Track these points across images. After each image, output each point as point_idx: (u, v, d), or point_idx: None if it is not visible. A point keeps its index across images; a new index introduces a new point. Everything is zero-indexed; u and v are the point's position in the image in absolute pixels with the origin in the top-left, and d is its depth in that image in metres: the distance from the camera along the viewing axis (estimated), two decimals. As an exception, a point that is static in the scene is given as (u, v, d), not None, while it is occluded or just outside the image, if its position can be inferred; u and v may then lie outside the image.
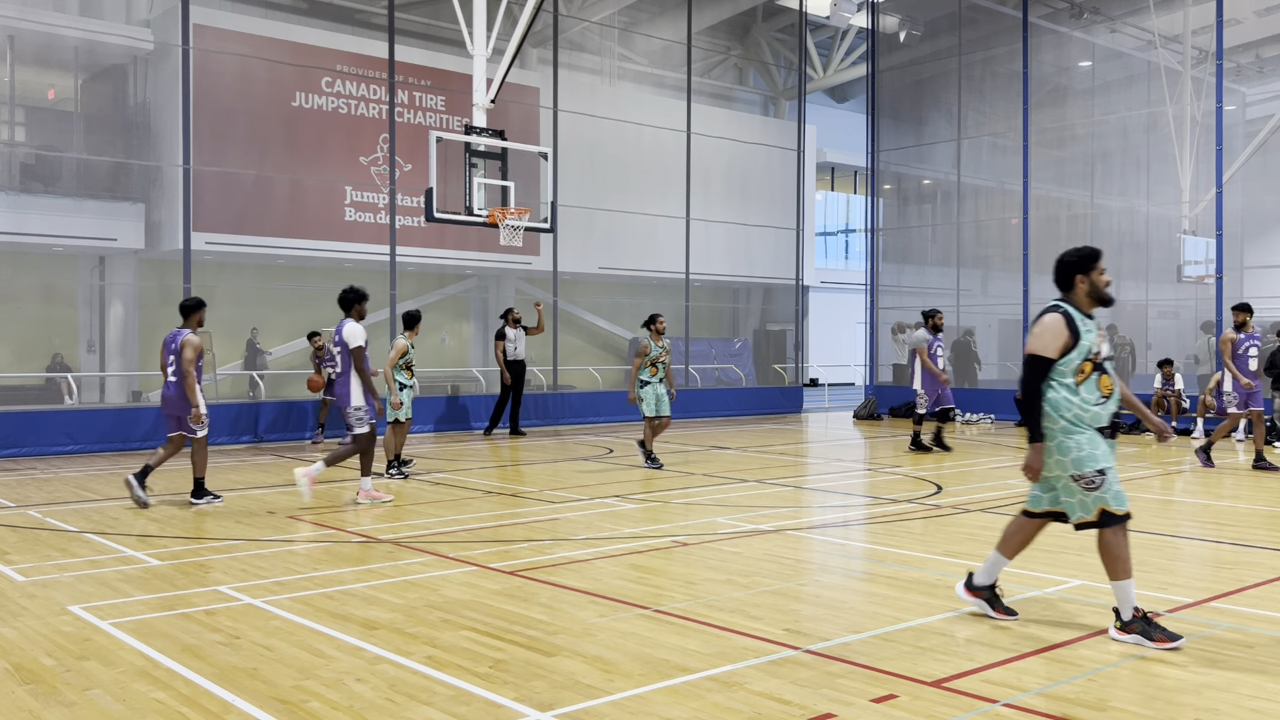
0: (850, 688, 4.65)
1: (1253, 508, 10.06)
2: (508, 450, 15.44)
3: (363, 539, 8.29)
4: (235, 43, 18.39)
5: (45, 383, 18.91)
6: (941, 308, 23.73)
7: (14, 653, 5.23)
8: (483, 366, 23.67)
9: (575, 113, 21.22)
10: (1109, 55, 22.82)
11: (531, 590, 6.54)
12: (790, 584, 6.72)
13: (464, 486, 11.40)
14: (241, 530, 8.63)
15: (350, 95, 19.89)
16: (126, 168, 18.93)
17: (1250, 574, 6.98)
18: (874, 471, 13.37)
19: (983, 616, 5.82)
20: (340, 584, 6.69)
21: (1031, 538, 5.77)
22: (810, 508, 10.28)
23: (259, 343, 20.47)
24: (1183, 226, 19.69)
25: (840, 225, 38.20)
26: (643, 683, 4.74)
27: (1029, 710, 4.38)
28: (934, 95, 24.37)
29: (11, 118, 18.95)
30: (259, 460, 14.02)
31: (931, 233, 24.69)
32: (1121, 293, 23.26)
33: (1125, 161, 23.05)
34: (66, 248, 18.90)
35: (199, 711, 4.41)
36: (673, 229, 22.94)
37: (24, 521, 9.17)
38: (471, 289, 24.49)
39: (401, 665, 5.01)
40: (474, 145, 14.58)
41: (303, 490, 9.70)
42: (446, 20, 19.01)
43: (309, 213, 19.47)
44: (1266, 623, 5.75)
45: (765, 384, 26.78)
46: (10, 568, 7.23)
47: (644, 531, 8.61)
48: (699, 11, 24.00)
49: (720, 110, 26.55)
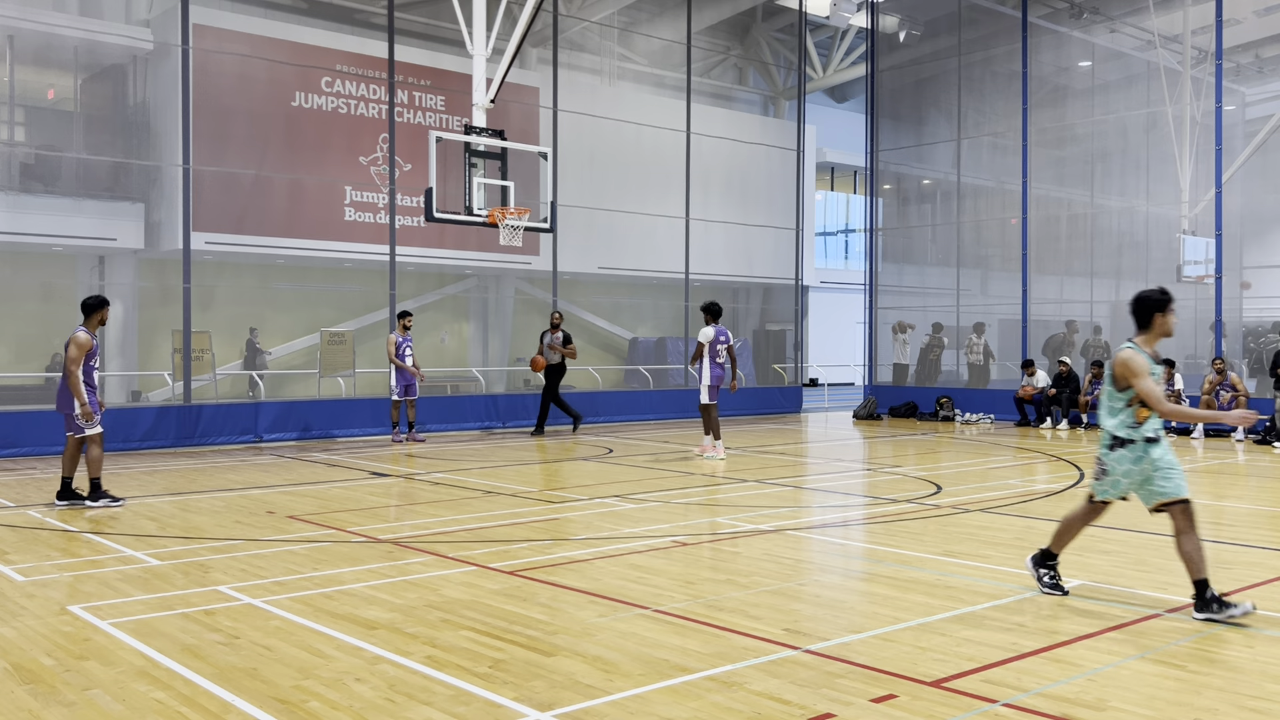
0: (850, 688, 4.65)
1: (1253, 508, 10.06)
2: (507, 450, 15.44)
3: (363, 539, 8.29)
4: (235, 43, 18.38)
5: (45, 383, 18.89)
6: (941, 308, 23.94)
7: (14, 653, 5.23)
8: (482, 366, 23.67)
9: (575, 113, 21.22)
10: (1109, 55, 22.82)
11: (531, 590, 6.54)
12: (790, 584, 6.72)
13: (464, 486, 11.40)
14: (241, 530, 8.63)
15: (350, 95, 19.88)
16: (126, 168, 18.92)
17: (1250, 574, 6.98)
18: (874, 471, 13.37)
19: (983, 617, 5.82)
20: (340, 584, 6.69)
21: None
22: (810, 508, 10.28)
23: (259, 342, 20.46)
24: (1182, 226, 19.68)
25: (840, 225, 38.21)
26: (642, 683, 4.74)
27: (1029, 710, 4.38)
28: (934, 95, 24.37)
29: (11, 118, 18.94)
30: (259, 460, 14.02)
31: (931, 233, 24.68)
32: (1121, 293, 23.26)
33: (1125, 161, 23.04)
34: (66, 247, 18.89)
35: (198, 711, 4.41)
36: (672, 229, 22.94)
37: (24, 521, 9.16)
38: (471, 289, 24.49)
39: (401, 665, 5.01)
40: (474, 145, 14.58)
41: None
42: (446, 20, 19.00)
43: (309, 213, 19.46)
44: (1266, 623, 5.75)
45: (765, 384, 26.76)
46: (10, 568, 7.23)
47: (644, 531, 8.61)
48: (699, 11, 24.00)
49: (720, 110, 26.54)
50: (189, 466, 13.31)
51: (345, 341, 19.61)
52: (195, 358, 17.12)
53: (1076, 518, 6.35)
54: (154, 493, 10.88)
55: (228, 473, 12.67)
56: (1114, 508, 6.32)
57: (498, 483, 11.67)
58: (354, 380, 19.90)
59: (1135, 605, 6.10)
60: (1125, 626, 5.65)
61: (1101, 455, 6.09)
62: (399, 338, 15.97)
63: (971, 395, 21.77)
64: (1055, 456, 14.46)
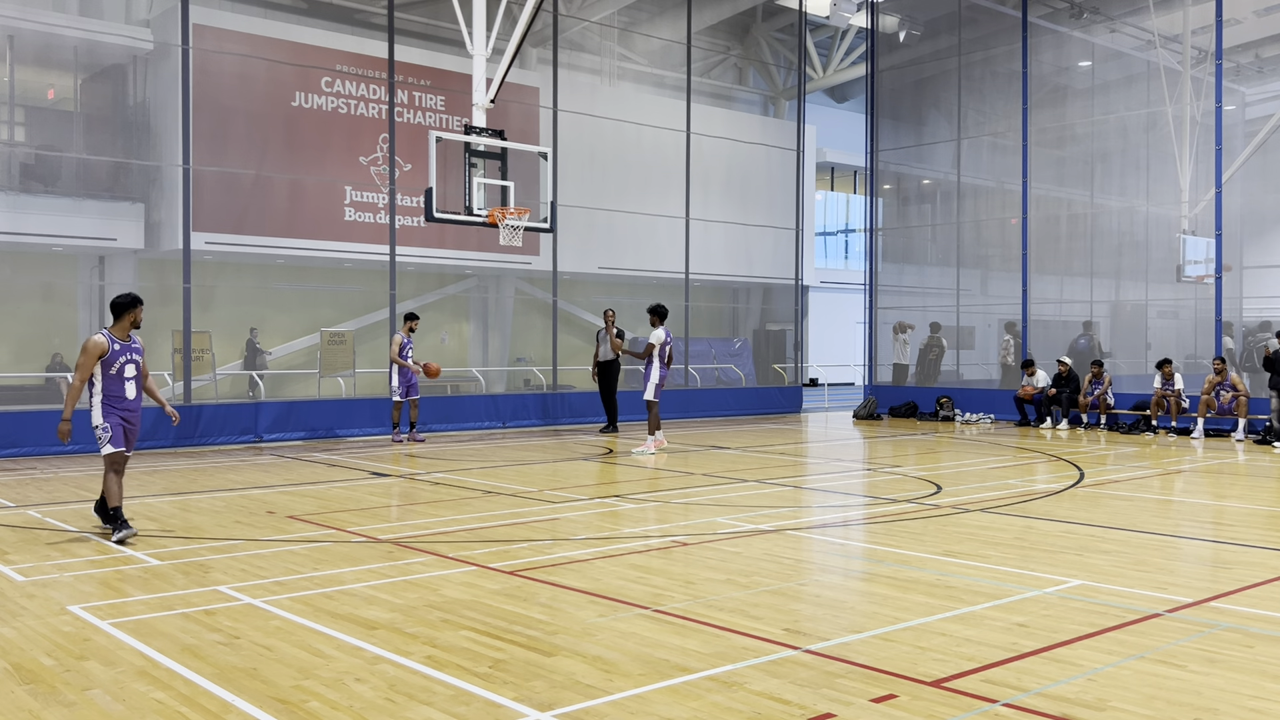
0: (850, 688, 4.65)
1: (1253, 508, 10.06)
2: (507, 450, 15.44)
3: (363, 539, 8.29)
4: (235, 43, 18.38)
5: (45, 383, 18.90)
6: (941, 308, 23.94)
7: (14, 653, 5.23)
8: (482, 366, 23.67)
9: (575, 113, 21.22)
10: (1109, 55, 22.81)
11: (531, 590, 6.54)
12: (790, 584, 6.72)
13: (464, 486, 11.40)
14: (241, 530, 8.63)
15: (350, 95, 19.88)
16: (126, 168, 18.92)
17: (1250, 574, 6.98)
18: (874, 471, 13.37)
19: (983, 617, 5.82)
20: (340, 584, 6.69)
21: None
22: (810, 508, 10.28)
23: (259, 342, 20.46)
24: (1182, 226, 19.68)
25: (840, 225, 38.21)
26: (642, 683, 4.74)
27: (1029, 710, 4.38)
28: (934, 95, 24.37)
29: (11, 118, 18.93)
30: (259, 460, 14.02)
31: (931, 233, 24.68)
32: (1121, 293, 23.28)
33: (1125, 161, 23.04)
34: (66, 247, 18.89)
35: (198, 711, 4.41)
36: (672, 229, 22.94)
37: (24, 521, 9.16)
38: (471, 289, 24.49)
39: (401, 665, 5.01)
40: (474, 145, 14.58)
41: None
42: (446, 20, 19.01)
43: (309, 213, 19.47)
44: (1266, 623, 5.75)
45: (765, 384, 26.77)
46: (10, 568, 7.23)
47: (644, 531, 8.61)
48: (699, 11, 23.99)
49: (720, 110, 26.54)
50: (189, 466, 13.31)
51: (345, 341, 19.61)
52: (195, 358, 17.12)
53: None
54: (154, 493, 10.88)
55: (228, 473, 12.67)
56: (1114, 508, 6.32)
57: (498, 483, 11.68)
58: (354, 380, 19.91)
59: (1135, 605, 6.10)
60: (1125, 626, 5.65)
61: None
62: (404, 339, 15.99)
63: (971, 395, 21.77)
64: (1055, 456, 14.46)
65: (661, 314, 15.19)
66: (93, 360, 8.10)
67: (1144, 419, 18.07)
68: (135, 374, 8.32)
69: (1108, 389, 18.69)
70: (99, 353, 8.10)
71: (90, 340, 8.15)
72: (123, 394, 8.25)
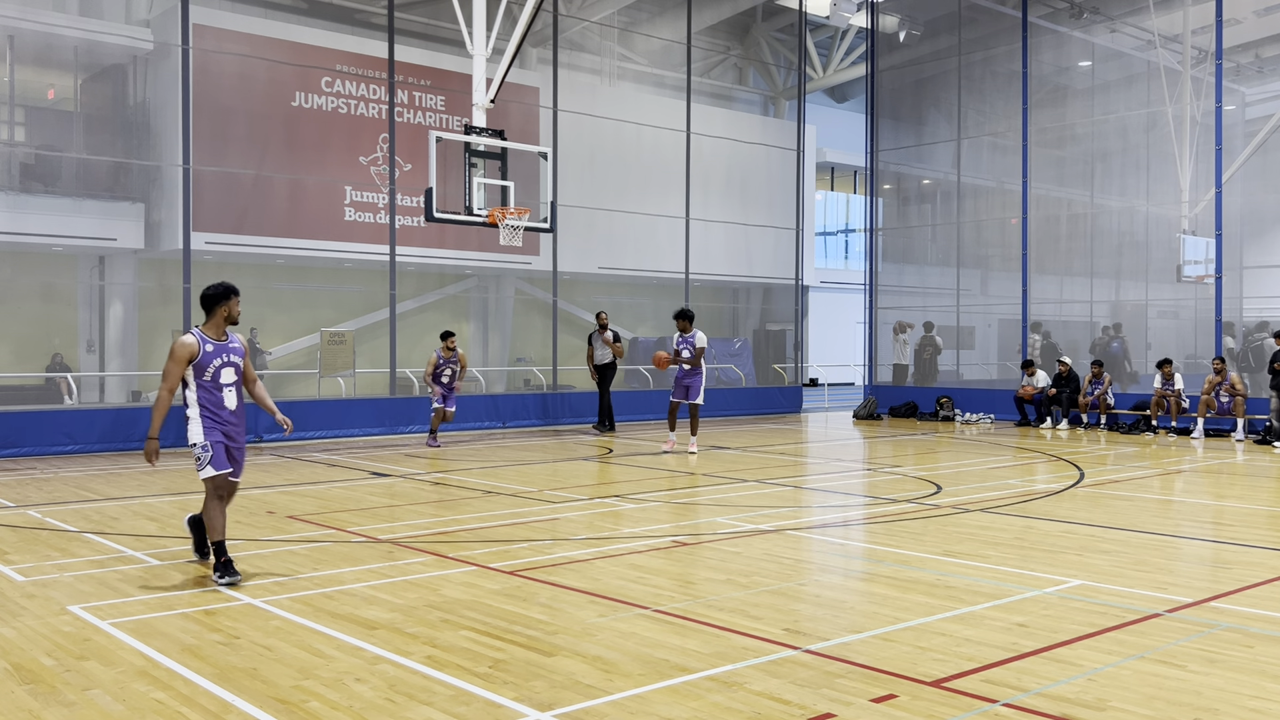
0: (850, 688, 4.65)
1: (1253, 508, 10.06)
2: (507, 450, 15.44)
3: (363, 539, 8.29)
4: (235, 43, 18.38)
5: (45, 383, 18.90)
6: (941, 308, 23.94)
7: (14, 653, 5.23)
8: (482, 366, 23.66)
9: (575, 113, 21.21)
10: (1109, 55, 22.82)
11: (531, 590, 6.54)
12: (790, 584, 6.72)
13: (464, 486, 11.40)
14: (241, 530, 8.62)
15: (350, 95, 19.88)
16: (126, 168, 18.92)
17: (1250, 574, 6.98)
18: (874, 471, 13.37)
19: (983, 617, 5.82)
20: (340, 584, 6.69)
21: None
22: (810, 508, 10.28)
23: (259, 343, 20.46)
24: (1182, 226, 19.69)
25: (840, 225, 38.21)
26: (642, 683, 4.74)
27: (1029, 710, 4.38)
28: (934, 95, 24.37)
29: (11, 118, 18.94)
30: (259, 460, 14.02)
31: (931, 233, 24.69)
32: (1121, 293, 23.28)
33: (1125, 161, 23.04)
34: (66, 248, 18.89)
35: (198, 711, 4.41)
36: (672, 229, 22.94)
37: (24, 521, 9.16)
38: (471, 289, 24.49)
39: (401, 665, 5.01)
40: (474, 145, 14.58)
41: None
42: (446, 20, 19.00)
43: (309, 213, 19.47)
44: (1266, 623, 5.75)
45: (765, 384, 26.76)
46: (10, 568, 7.23)
47: (644, 531, 8.61)
48: (699, 11, 23.99)
49: (720, 110, 26.54)
50: (189, 466, 13.30)
51: (345, 341, 19.60)
52: (195, 358, 17.07)
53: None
54: (154, 493, 10.88)
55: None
56: (1114, 508, 6.32)
57: (498, 483, 11.68)
58: (354, 380, 19.90)
59: (1135, 605, 6.10)
60: (1125, 626, 5.65)
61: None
62: (440, 358, 15.78)
63: (971, 395, 21.77)
64: (1055, 456, 14.46)
65: (691, 317, 15.14)
66: (181, 366, 6.70)
67: (1144, 419, 18.07)
68: (235, 379, 6.90)
69: (1108, 389, 18.70)
70: (188, 356, 6.70)
71: (177, 341, 6.74)
72: (221, 403, 6.82)
